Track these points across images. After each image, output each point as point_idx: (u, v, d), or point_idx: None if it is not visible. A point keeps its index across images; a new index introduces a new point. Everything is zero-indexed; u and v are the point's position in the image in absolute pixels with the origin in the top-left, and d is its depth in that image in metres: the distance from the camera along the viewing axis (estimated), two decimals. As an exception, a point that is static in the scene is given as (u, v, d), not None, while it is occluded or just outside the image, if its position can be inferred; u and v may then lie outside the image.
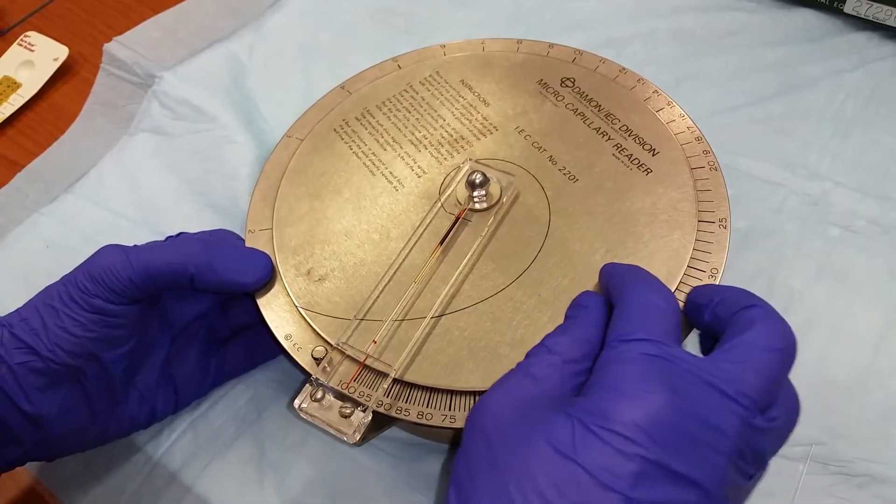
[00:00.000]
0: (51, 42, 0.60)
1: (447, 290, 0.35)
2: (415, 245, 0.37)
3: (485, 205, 0.38)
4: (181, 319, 0.39)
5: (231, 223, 0.47)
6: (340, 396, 0.33)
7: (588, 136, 0.40)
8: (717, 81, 0.50)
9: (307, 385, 0.33)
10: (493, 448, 0.26)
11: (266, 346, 0.40)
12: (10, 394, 0.33)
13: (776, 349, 0.27)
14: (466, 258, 0.36)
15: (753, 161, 0.46)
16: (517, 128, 0.41)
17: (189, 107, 0.53)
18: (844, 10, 0.50)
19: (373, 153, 0.42)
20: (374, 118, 0.44)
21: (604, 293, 0.32)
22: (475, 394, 0.33)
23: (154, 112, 0.54)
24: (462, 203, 0.38)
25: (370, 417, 0.32)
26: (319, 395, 0.33)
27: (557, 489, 0.24)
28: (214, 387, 0.41)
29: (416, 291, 0.35)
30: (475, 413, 0.28)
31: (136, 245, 0.35)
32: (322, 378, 0.33)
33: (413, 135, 0.42)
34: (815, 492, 0.36)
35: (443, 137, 0.42)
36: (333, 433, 0.32)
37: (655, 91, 0.42)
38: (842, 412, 0.37)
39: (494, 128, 0.42)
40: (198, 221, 0.48)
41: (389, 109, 0.44)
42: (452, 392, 0.33)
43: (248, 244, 0.39)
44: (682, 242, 0.35)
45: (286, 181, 0.42)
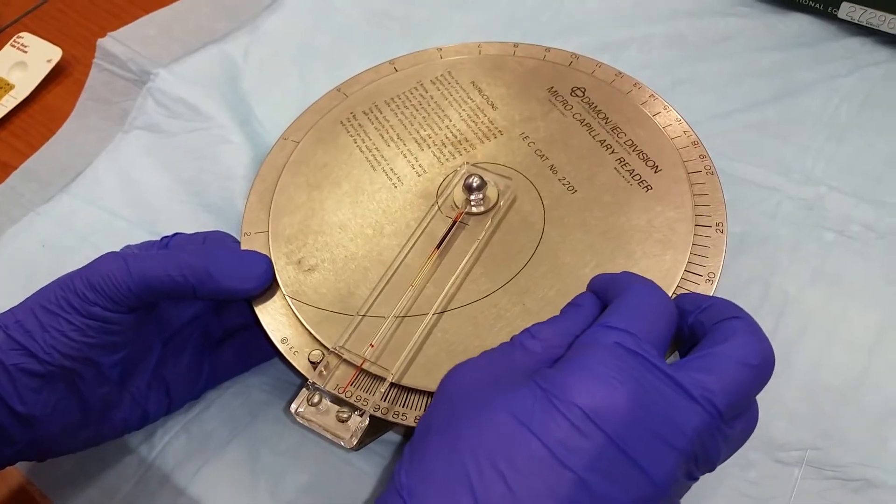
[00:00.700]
0: (44, 43, 0.59)
1: (444, 294, 0.35)
2: (412, 248, 0.37)
3: (482, 208, 0.38)
4: (175, 322, 0.39)
5: (226, 224, 0.47)
6: (337, 401, 0.33)
7: (592, 148, 0.40)
8: (712, 86, 0.50)
9: (303, 389, 0.33)
10: (454, 410, 0.27)
11: (260, 348, 0.40)
12: (3, 394, 0.33)
13: (750, 365, 0.27)
14: (463, 262, 0.36)
15: (748, 166, 0.46)
16: (522, 134, 0.41)
17: (184, 105, 0.52)
18: (838, 16, 0.50)
19: (376, 148, 0.42)
20: (382, 113, 0.44)
21: (600, 297, 0.32)
22: None
23: (149, 109, 0.54)
24: (459, 206, 0.38)
25: (367, 422, 0.32)
26: (316, 400, 0.33)
27: (510, 459, 0.24)
28: (207, 389, 0.41)
29: (413, 295, 0.35)
30: (445, 377, 0.29)
31: (136, 253, 0.35)
32: (319, 382, 0.33)
33: (418, 133, 0.42)
34: (811, 496, 0.36)
35: (447, 138, 0.42)
36: (330, 438, 0.32)
37: (652, 95, 0.42)
38: (837, 417, 0.37)
39: (499, 132, 0.42)
40: (193, 221, 0.48)
41: (398, 106, 0.44)
42: None
43: (244, 247, 0.39)
44: (674, 263, 0.35)
45: (287, 171, 0.42)
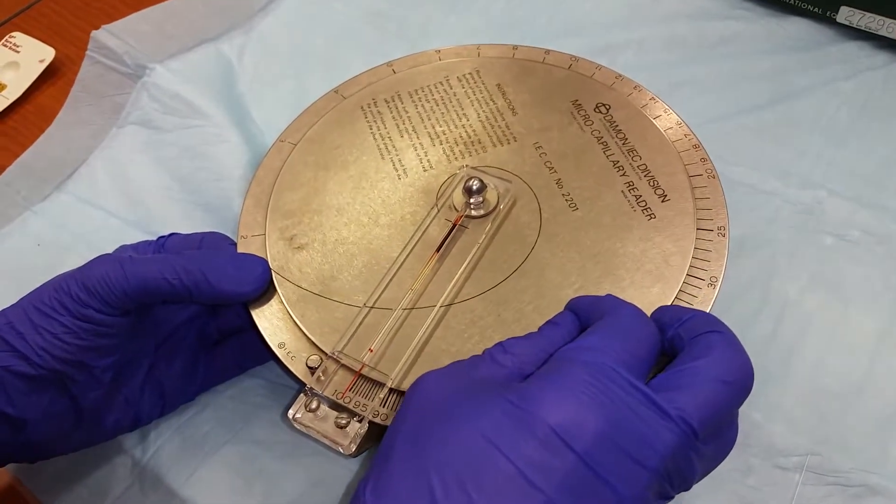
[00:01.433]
0: (37, 43, 0.59)
1: (443, 298, 0.35)
2: (411, 251, 0.37)
3: (482, 211, 0.37)
4: (169, 324, 0.38)
5: (222, 224, 0.46)
6: (336, 406, 0.33)
7: (603, 167, 0.39)
8: (710, 89, 0.50)
9: (301, 395, 0.33)
10: (421, 424, 0.26)
11: (255, 351, 0.39)
12: None
13: (727, 381, 0.26)
14: (463, 266, 0.36)
15: (747, 170, 0.45)
16: (535, 143, 0.41)
17: (181, 101, 0.52)
18: (837, 20, 0.51)
19: (389, 137, 0.42)
20: (402, 104, 0.44)
21: (580, 318, 0.31)
22: None
23: (143, 104, 0.53)
24: (459, 209, 0.38)
25: (367, 428, 0.32)
26: (314, 406, 0.32)
27: (478, 479, 0.24)
28: (202, 391, 0.40)
29: (413, 298, 0.35)
30: (412, 387, 0.28)
31: (132, 256, 0.35)
32: (317, 388, 0.33)
33: (433, 128, 0.42)
34: (811, 503, 0.35)
35: (460, 137, 0.42)
36: (329, 444, 0.32)
37: (652, 98, 0.42)
38: (837, 422, 0.37)
39: (514, 138, 0.41)
40: (189, 221, 0.47)
41: (420, 98, 0.44)
42: None
43: (240, 250, 0.38)
44: (660, 297, 0.34)
45: (299, 149, 0.42)
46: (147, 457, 0.39)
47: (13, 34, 0.59)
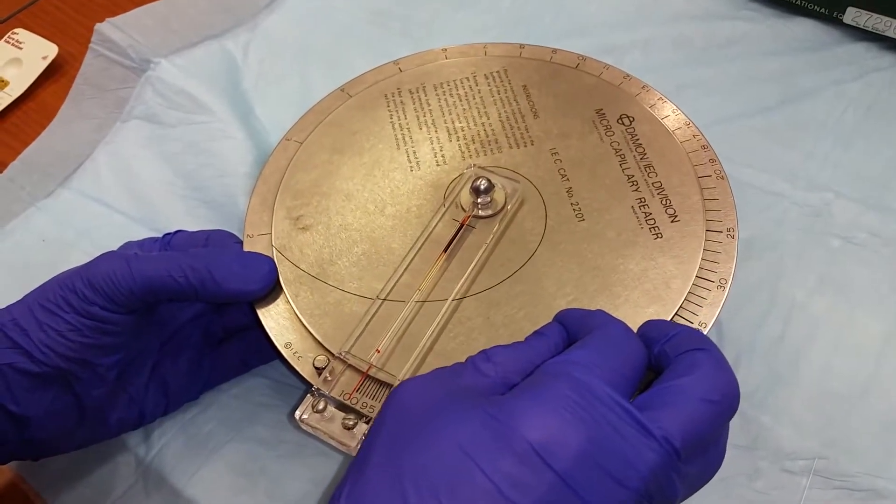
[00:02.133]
0: (39, 40, 0.58)
1: (452, 297, 0.35)
2: (419, 251, 0.37)
3: (489, 211, 0.37)
4: (174, 322, 0.38)
5: (227, 222, 0.46)
6: (343, 407, 0.32)
7: (617, 180, 0.38)
8: (717, 90, 0.50)
9: (308, 396, 0.33)
10: (399, 432, 0.26)
11: (261, 349, 0.39)
12: None
13: (711, 400, 0.26)
14: (471, 266, 0.35)
15: (754, 171, 0.45)
16: (552, 149, 0.40)
17: (185, 96, 0.52)
18: (844, 21, 0.50)
19: (408, 128, 0.42)
20: (426, 96, 0.44)
21: (568, 331, 0.31)
22: None
23: (147, 98, 0.53)
24: (466, 209, 0.38)
25: (374, 429, 0.32)
26: (321, 407, 0.32)
27: (453, 493, 0.23)
28: (206, 390, 0.40)
29: (420, 298, 0.35)
30: (392, 393, 0.28)
31: (138, 253, 0.34)
32: (324, 388, 0.32)
33: (453, 123, 0.42)
34: (819, 506, 0.35)
35: (478, 135, 0.41)
36: (336, 445, 0.32)
37: (661, 98, 0.41)
38: (844, 425, 0.37)
39: (531, 141, 0.41)
40: (194, 218, 0.47)
41: (444, 91, 0.44)
42: None
43: (246, 249, 0.38)
44: (655, 318, 0.34)
45: (318, 131, 0.42)
46: (151, 455, 0.39)
47: (16, 31, 0.59)
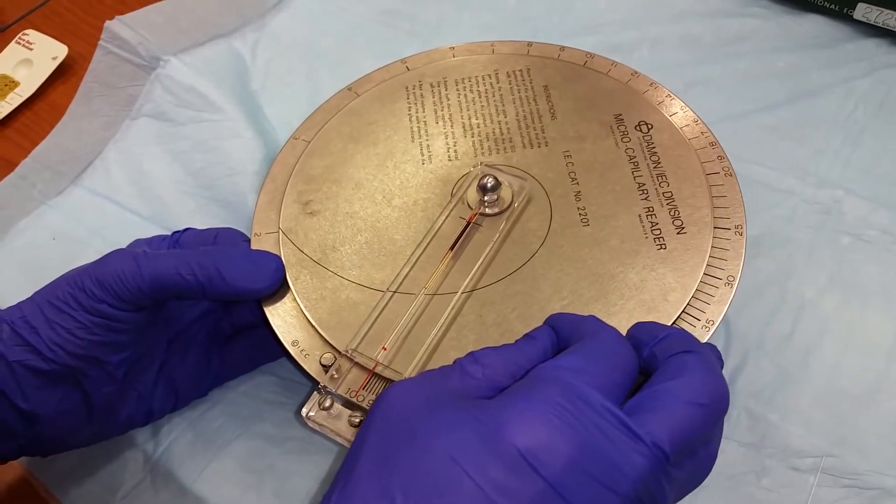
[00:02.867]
0: (50, 40, 0.59)
1: (458, 295, 0.35)
2: (426, 248, 0.37)
3: (496, 209, 0.37)
4: (183, 320, 0.38)
5: (237, 220, 0.46)
6: (349, 405, 0.32)
7: (627, 188, 0.38)
8: (726, 87, 0.50)
9: (315, 393, 0.33)
10: (388, 438, 0.26)
11: (269, 347, 0.39)
12: (6, 390, 0.32)
13: (699, 404, 0.26)
14: (477, 264, 0.35)
15: (764, 168, 0.45)
16: (566, 151, 0.40)
17: (195, 94, 0.52)
18: (854, 17, 0.50)
19: (425, 121, 0.42)
20: (446, 90, 0.44)
21: (559, 336, 0.31)
22: None
23: (157, 96, 0.53)
24: (473, 207, 0.38)
25: (380, 426, 0.32)
26: (328, 404, 0.32)
27: (441, 497, 0.23)
28: (214, 387, 0.40)
29: (426, 296, 0.35)
30: (380, 397, 0.27)
31: (146, 251, 0.35)
32: (330, 386, 0.33)
33: (469, 119, 0.42)
34: (827, 505, 0.35)
35: (493, 133, 0.41)
36: (342, 443, 0.32)
37: (668, 95, 0.41)
38: (853, 423, 0.37)
39: (545, 143, 0.41)
40: (203, 216, 0.47)
41: (465, 87, 0.44)
42: None
43: (254, 247, 0.38)
44: None
45: (337, 119, 0.43)
46: (159, 452, 0.39)
47: (26, 31, 0.60)
